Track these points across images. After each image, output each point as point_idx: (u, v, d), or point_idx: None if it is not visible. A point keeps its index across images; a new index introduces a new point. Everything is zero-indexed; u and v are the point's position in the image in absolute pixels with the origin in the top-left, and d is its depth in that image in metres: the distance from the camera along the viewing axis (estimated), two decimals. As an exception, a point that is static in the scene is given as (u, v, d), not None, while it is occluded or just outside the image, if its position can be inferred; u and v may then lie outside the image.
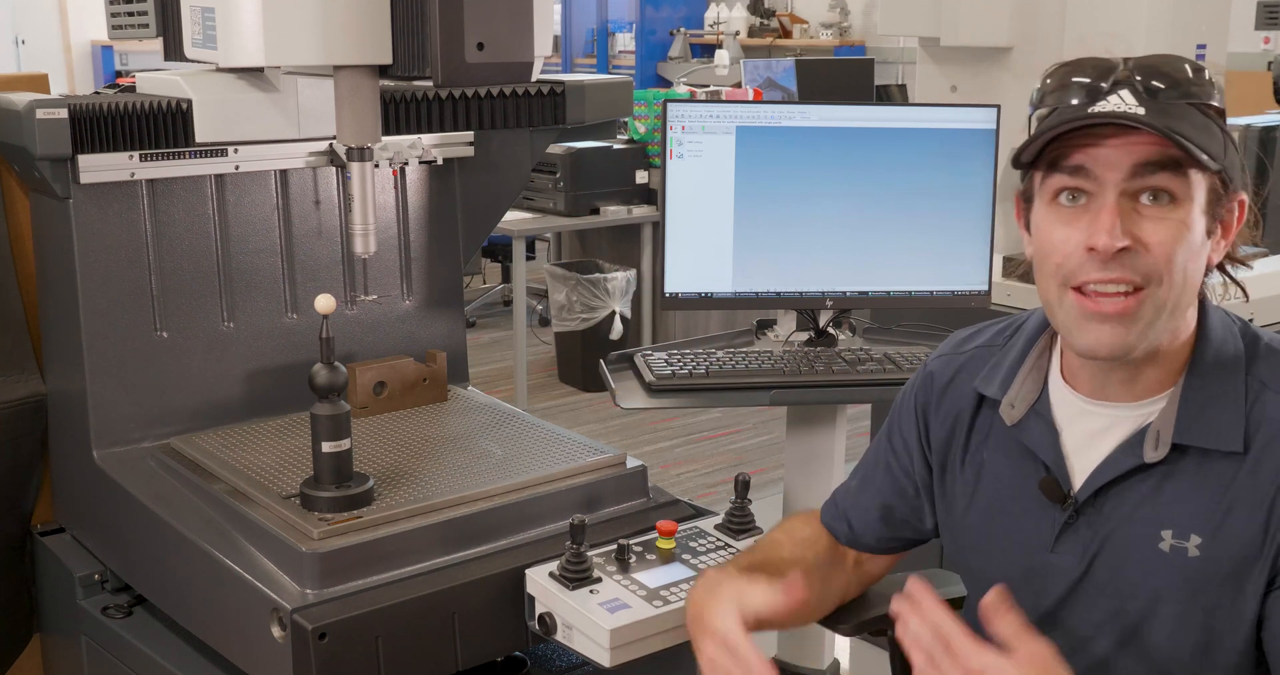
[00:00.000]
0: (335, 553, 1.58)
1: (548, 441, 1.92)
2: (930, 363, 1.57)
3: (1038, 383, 1.42)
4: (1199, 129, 1.25)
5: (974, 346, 1.53)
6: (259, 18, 1.60)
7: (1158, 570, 1.31)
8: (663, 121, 2.24)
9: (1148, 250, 1.25)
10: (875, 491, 1.60)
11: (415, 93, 1.97)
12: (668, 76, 8.91)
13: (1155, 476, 1.31)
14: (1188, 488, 1.30)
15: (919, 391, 1.56)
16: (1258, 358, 1.32)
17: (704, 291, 2.29)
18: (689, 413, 5.06)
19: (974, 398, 1.48)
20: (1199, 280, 1.31)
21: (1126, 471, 1.32)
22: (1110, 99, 1.26)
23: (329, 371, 1.65)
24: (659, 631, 1.56)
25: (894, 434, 1.59)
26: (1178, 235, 1.25)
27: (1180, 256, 1.25)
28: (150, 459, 1.88)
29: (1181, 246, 1.25)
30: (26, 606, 2.17)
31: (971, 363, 1.51)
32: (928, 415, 1.54)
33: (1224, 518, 1.28)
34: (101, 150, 1.78)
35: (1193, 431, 1.29)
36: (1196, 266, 1.28)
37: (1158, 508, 1.31)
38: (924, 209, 2.28)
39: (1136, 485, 1.32)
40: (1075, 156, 1.27)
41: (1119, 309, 1.26)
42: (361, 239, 1.77)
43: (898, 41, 7.43)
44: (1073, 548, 1.36)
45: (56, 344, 1.99)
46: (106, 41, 8.90)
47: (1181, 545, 1.29)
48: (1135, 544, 1.32)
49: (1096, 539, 1.35)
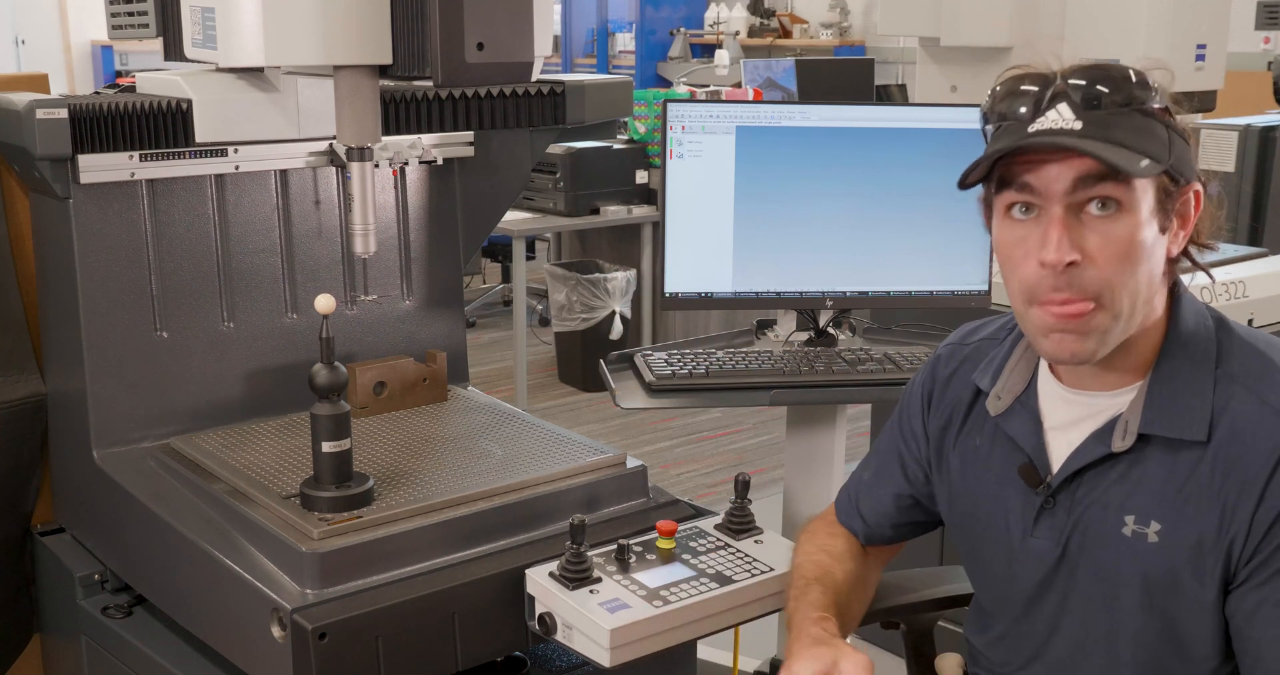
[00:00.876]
0: (335, 553, 1.58)
1: (548, 441, 1.92)
2: (940, 350, 1.63)
3: (1025, 374, 1.47)
4: (1138, 132, 1.29)
5: (979, 339, 1.59)
6: (259, 18, 1.60)
7: (1122, 554, 1.35)
8: (663, 121, 2.24)
9: (1096, 263, 1.29)
10: (889, 481, 1.65)
11: (415, 93, 1.97)
12: (668, 76, 8.91)
13: (1124, 464, 1.36)
14: (1152, 476, 1.34)
15: (925, 379, 1.61)
16: (1229, 350, 1.36)
17: (704, 291, 2.29)
18: (689, 413, 5.06)
19: (973, 389, 1.53)
20: (1157, 276, 1.34)
21: (1097, 459, 1.37)
22: (1049, 115, 1.31)
23: (329, 371, 1.65)
24: (659, 631, 1.56)
25: (903, 420, 1.64)
26: (1126, 243, 1.29)
27: (1130, 264, 1.30)
28: (150, 459, 1.88)
29: (1131, 254, 1.30)
30: (26, 606, 2.17)
31: (975, 354, 1.56)
32: (930, 402, 1.59)
33: (1183, 505, 1.32)
34: (101, 150, 1.78)
35: (1159, 422, 1.33)
36: (1151, 266, 1.32)
37: (1124, 494, 1.36)
38: (924, 209, 2.29)
39: (1106, 472, 1.37)
40: (1021, 175, 1.32)
41: (1077, 322, 1.31)
42: (361, 239, 1.77)
43: (898, 41, 7.42)
44: (1049, 532, 1.41)
45: (56, 344, 1.99)
46: (106, 41, 8.91)
47: (1142, 531, 1.33)
48: (1103, 529, 1.37)
49: (1069, 523, 1.40)
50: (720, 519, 1.78)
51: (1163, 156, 1.29)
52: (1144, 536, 1.33)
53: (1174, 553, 1.32)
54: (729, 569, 1.66)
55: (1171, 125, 1.33)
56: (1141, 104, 1.31)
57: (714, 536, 1.75)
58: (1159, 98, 1.32)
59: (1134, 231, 1.29)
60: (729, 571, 1.65)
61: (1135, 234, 1.29)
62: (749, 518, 1.77)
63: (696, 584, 1.62)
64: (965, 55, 2.96)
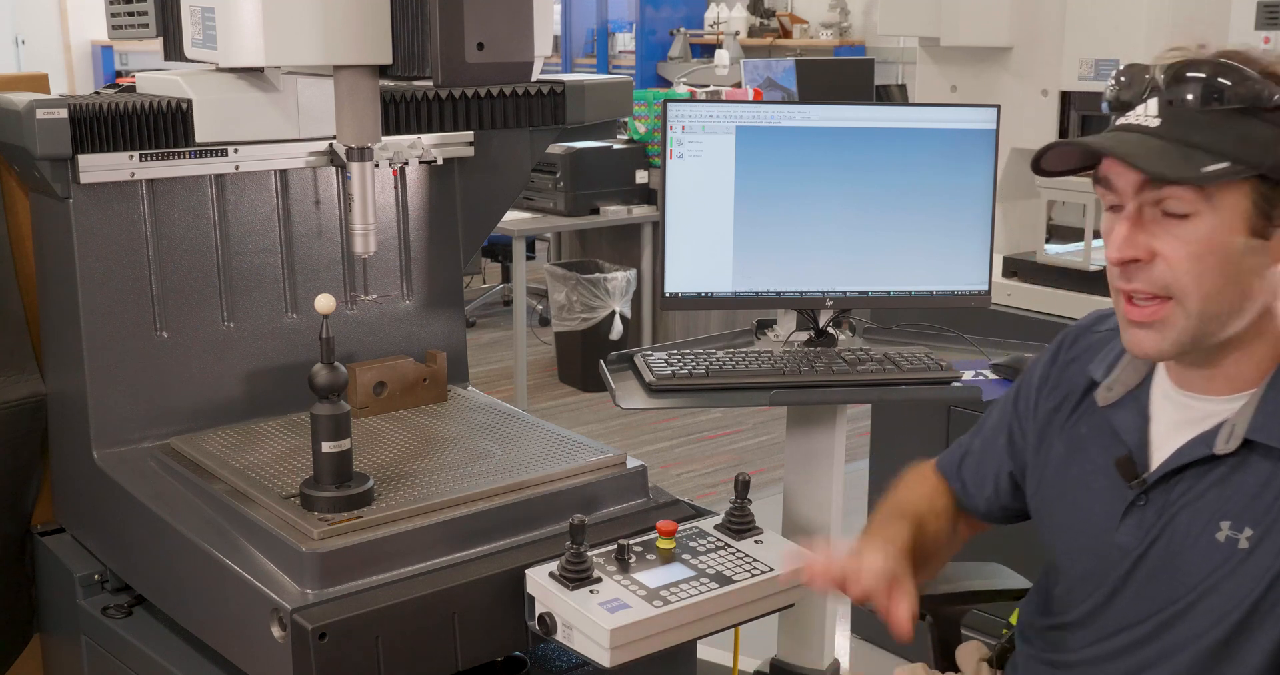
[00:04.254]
0: (335, 553, 1.58)
1: (548, 441, 1.92)
2: (1067, 332, 1.60)
3: (1141, 370, 1.46)
4: (1226, 133, 1.25)
5: (1104, 329, 1.55)
6: (259, 18, 1.60)
7: (1209, 558, 1.32)
8: (663, 121, 2.24)
9: (1165, 261, 1.28)
10: (993, 455, 1.64)
11: (415, 93, 1.97)
12: (668, 76, 8.90)
13: (1225, 468, 1.33)
14: (1254, 483, 1.31)
15: (1048, 360, 1.60)
16: None
17: (704, 291, 2.29)
18: (689, 413, 5.06)
19: (1087, 378, 1.51)
20: (1251, 282, 1.29)
21: (1197, 459, 1.34)
22: (1137, 108, 1.30)
23: (329, 371, 1.65)
24: (659, 631, 1.56)
25: (1020, 396, 1.62)
26: (1201, 246, 1.26)
27: (1206, 266, 1.27)
28: (150, 459, 1.88)
29: (1206, 257, 1.26)
30: (26, 606, 2.17)
31: (1098, 344, 1.54)
32: (1046, 383, 1.57)
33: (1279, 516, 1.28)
34: (101, 150, 1.78)
35: (1266, 429, 1.30)
36: (1239, 271, 1.28)
37: (1222, 499, 1.33)
38: (924, 209, 2.28)
39: (1206, 474, 1.34)
40: (1103, 168, 1.32)
41: (1146, 316, 1.31)
42: (361, 239, 1.77)
43: (898, 41, 7.42)
44: (1136, 529, 1.39)
45: (56, 344, 1.99)
46: (106, 41, 8.90)
47: (1235, 536, 1.30)
48: (1194, 531, 1.34)
49: (1160, 522, 1.37)
50: (720, 519, 1.78)
51: (1254, 159, 1.24)
52: (1235, 542, 1.30)
53: (1264, 560, 1.28)
54: (729, 569, 1.66)
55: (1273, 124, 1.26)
56: (1246, 101, 1.25)
57: (714, 536, 1.75)
58: (1267, 95, 1.25)
59: (1210, 235, 1.26)
60: (729, 571, 1.65)
61: (1213, 238, 1.26)
62: (749, 518, 1.77)
63: (696, 584, 1.62)
64: (965, 55, 2.96)
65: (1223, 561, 1.31)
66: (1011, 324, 2.64)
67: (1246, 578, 1.30)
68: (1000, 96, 2.81)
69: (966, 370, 2.20)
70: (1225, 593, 1.31)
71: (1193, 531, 1.34)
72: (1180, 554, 1.35)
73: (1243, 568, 1.30)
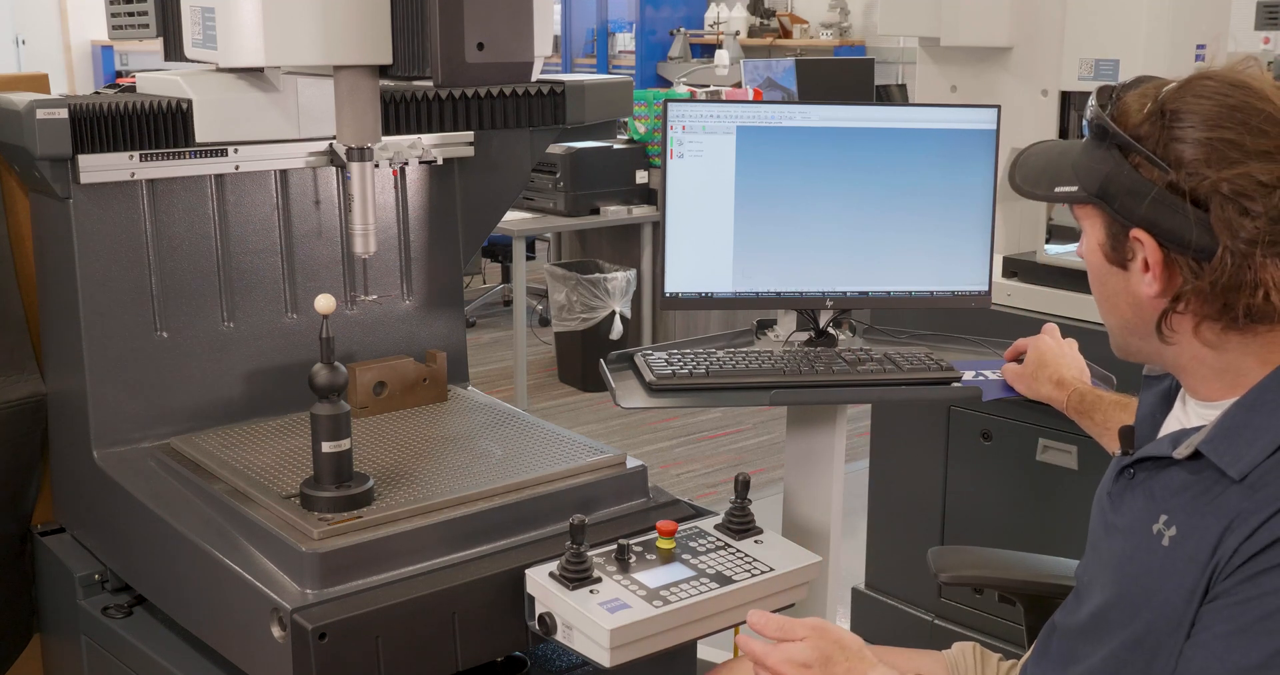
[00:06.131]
0: (335, 553, 1.58)
1: (548, 441, 1.92)
2: None
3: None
4: (1096, 160, 1.31)
5: None
6: (259, 18, 1.60)
7: (1141, 547, 1.35)
8: (663, 121, 2.24)
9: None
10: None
11: (415, 93, 1.97)
12: (668, 76, 8.90)
13: (1185, 469, 1.34)
14: (1197, 488, 1.32)
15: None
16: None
17: (704, 291, 2.29)
18: (689, 413, 5.06)
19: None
20: (1124, 308, 1.36)
21: (1160, 455, 1.37)
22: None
23: (329, 371, 1.65)
24: (659, 631, 1.56)
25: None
26: (1088, 262, 1.37)
27: (1093, 281, 1.38)
28: (150, 459, 1.88)
29: (1090, 272, 1.38)
30: (26, 606, 2.17)
31: None
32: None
33: (1198, 522, 1.30)
34: (101, 150, 1.78)
35: (1215, 447, 1.30)
36: (1108, 292, 1.37)
37: (1169, 495, 1.35)
38: (924, 209, 2.28)
39: (1168, 468, 1.37)
40: None
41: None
42: (361, 239, 1.77)
43: (898, 41, 7.42)
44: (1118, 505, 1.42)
45: (56, 344, 1.99)
46: (106, 41, 8.90)
47: (1163, 532, 1.33)
48: (1140, 519, 1.37)
49: (1126, 494, 1.41)
50: (720, 519, 1.78)
51: (1089, 186, 1.31)
52: (1161, 537, 1.32)
53: (1175, 561, 1.30)
54: (729, 569, 1.66)
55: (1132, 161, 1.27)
56: (1096, 131, 1.32)
57: (714, 536, 1.75)
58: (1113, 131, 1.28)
59: (1087, 252, 1.37)
60: (729, 571, 1.65)
61: (1088, 255, 1.37)
62: (749, 518, 1.77)
63: (696, 584, 1.62)
64: (965, 55, 2.95)
65: (1148, 554, 1.34)
66: (1011, 324, 2.64)
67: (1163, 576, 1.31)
68: (1000, 97, 2.81)
69: (969, 370, 2.20)
70: (1144, 587, 1.34)
71: (1139, 519, 1.37)
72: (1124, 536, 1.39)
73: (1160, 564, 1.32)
